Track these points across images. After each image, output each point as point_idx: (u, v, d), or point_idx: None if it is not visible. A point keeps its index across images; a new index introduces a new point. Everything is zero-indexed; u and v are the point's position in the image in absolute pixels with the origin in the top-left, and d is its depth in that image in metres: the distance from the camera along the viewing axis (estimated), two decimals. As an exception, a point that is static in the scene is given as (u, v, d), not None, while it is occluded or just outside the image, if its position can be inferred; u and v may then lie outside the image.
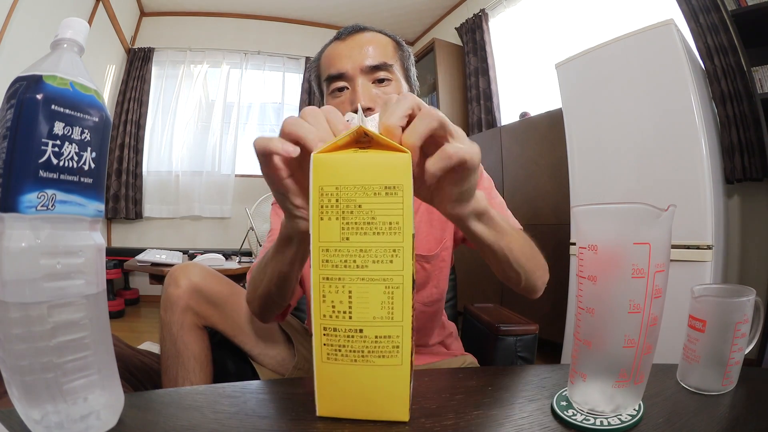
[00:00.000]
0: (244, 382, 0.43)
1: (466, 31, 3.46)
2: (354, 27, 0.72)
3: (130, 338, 1.90)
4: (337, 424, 0.34)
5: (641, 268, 0.32)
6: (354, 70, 0.67)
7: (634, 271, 0.32)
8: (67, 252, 0.29)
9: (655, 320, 0.33)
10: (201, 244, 3.68)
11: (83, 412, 0.29)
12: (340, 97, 0.68)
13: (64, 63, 0.29)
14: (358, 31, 0.71)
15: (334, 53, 0.70)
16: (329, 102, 0.70)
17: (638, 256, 0.32)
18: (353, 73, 0.67)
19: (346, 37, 0.71)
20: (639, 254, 0.32)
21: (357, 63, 0.67)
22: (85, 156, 0.29)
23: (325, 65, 0.71)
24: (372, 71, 0.68)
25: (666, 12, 1.93)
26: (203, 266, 0.73)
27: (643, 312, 0.32)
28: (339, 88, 0.68)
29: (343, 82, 0.68)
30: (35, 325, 0.27)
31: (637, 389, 0.35)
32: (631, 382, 0.34)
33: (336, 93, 0.69)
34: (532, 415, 0.36)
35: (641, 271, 0.32)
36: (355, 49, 0.68)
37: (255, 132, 4.11)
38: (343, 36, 0.71)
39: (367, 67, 0.67)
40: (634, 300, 0.32)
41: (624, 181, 1.77)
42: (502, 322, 0.88)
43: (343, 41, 0.70)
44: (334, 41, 0.72)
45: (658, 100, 1.66)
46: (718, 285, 0.45)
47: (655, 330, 0.34)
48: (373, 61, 0.68)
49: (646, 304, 0.32)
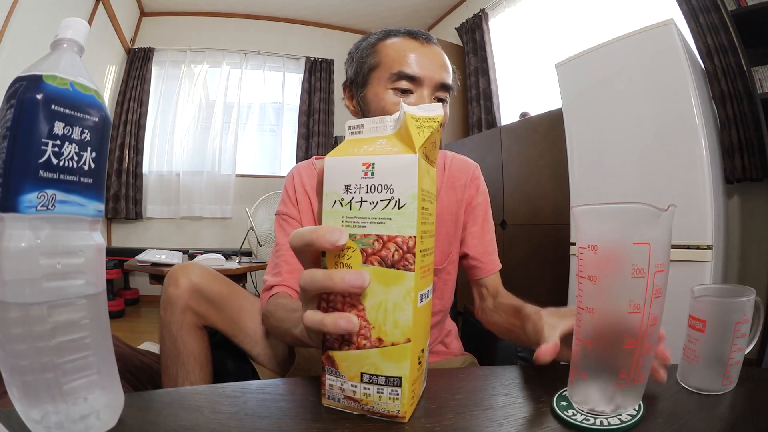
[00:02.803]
0: (244, 382, 0.43)
1: (466, 31, 3.46)
2: (428, 35, 0.71)
3: (130, 338, 1.90)
4: (337, 424, 0.34)
5: (641, 268, 0.32)
6: (430, 80, 0.67)
7: (635, 271, 0.32)
8: (67, 252, 0.29)
9: (655, 320, 0.33)
10: (201, 244, 3.68)
11: (83, 412, 0.29)
12: (405, 99, 0.67)
13: (64, 63, 0.29)
14: (432, 41, 0.71)
15: (413, 54, 0.68)
16: (383, 93, 0.69)
17: (638, 256, 0.32)
18: (427, 83, 0.67)
19: (424, 42, 0.70)
20: (639, 254, 0.32)
21: (435, 75, 0.68)
22: (85, 156, 0.29)
23: (397, 60, 0.68)
24: (440, 89, 0.69)
25: (666, 12, 1.93)
26: (203, 266, 0.72)
27: (643, 312, 0.32)
28: (405, 90, 0.68)
29: (411, 86, 0.68)
30: (35, 325, 0.27)
31: (637, 389, 0.35)
32: (631, 382, 0.34)
33: (400, 93, 0.68)
34: (532, 415, 0.36)
35: (641, 271, 0.32)
36: (435, 60, 0.69)
37: (255, 132, 4.11)
38: (419, 39, 0.70)
39: (440, 84, 0.68)
40: (634, 300, 0.32)
41: (624, 181, 1.77)
42: (502, 322, 0.87)
43: (422, 45, 0.69)
44: (408, 38, 0.70)
45: (658, 100, 1.66)
46: (718, 285, 0.45)
47: (655, 330, 0.34)
48: (447, 80, 0.69)
49: (646, 304, 0.32)
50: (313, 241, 0.31)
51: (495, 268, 0.79)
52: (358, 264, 0.31)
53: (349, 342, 0.33)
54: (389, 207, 0.31)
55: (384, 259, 0.31)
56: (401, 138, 0.32)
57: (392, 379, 0.32)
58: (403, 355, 0.32)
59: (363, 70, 0.72)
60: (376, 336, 0.32)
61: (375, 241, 0.31)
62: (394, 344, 0.32)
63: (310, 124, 4.09)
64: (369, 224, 0.31)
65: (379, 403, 0.33)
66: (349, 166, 0.32)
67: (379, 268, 0.31)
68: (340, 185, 0.32)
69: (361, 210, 0.31)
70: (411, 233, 0.30)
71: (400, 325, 0.32)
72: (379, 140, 0.33)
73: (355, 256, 0.32)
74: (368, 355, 0.32)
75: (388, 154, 0.31)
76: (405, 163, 0.31)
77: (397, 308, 0.31)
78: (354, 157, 0.32)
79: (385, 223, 0.31)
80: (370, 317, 0.32)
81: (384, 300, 0.31)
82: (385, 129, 0.34)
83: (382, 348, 0.32)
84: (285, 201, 0.81)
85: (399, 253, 0.31)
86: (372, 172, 0.31)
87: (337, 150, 0.34)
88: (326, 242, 0.30)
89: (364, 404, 0.33)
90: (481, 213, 0.81)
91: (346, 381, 0.33)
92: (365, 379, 0.33)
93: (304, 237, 0.32)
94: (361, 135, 0.35)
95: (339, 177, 0.32)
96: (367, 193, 0.31)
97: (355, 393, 0.33)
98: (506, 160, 2.62)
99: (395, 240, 0.31)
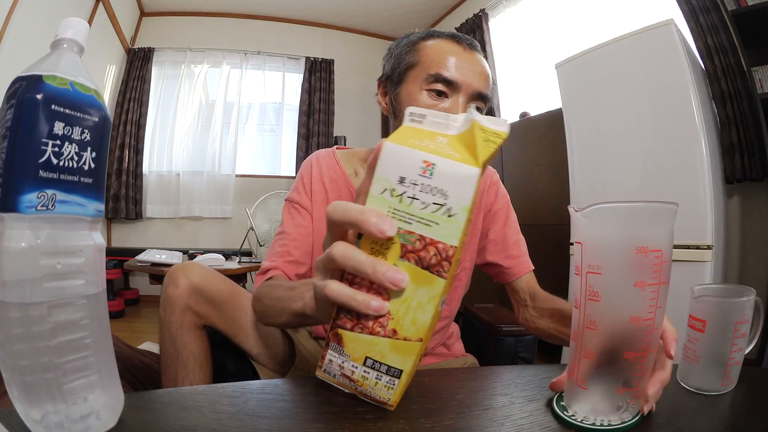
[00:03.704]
0: (244, 382, 0.43)
1: (466, 31, 3.46)
2: (472, 41, 0.70)
3: (130, 338, 1.90)
4: (337, 425, 0.34)
5: (645, 281, 0.32)
6: (468, 87, 0.66)
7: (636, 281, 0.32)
8: (67, 252, 0.29)
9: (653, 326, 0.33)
10: (201, 244, 3.68)
11: (83, 412, 0.29)
12: (438, 103, 0.66)
13: (64, 63, 0.29)
14: (475, 48, 0.70)
15: (453, 57, 0.67)
16: (417, 94, 0.67)
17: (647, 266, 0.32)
18: (464, 90, 0.66)
19: (467, 48, 0.68)
20: (647, 263, 0.32)
21: (474, 83, 0.66)
22: (85, 156, 0.29)
23: (437, 61, 0.67)
24: (477, 98, 0.68)
25: (666, 12, 1.93)
26: (203, 266, 0.72)
27: (643, 319, 0.32)
28: (440, 92, 0.66)
29: (447, 90, 0.66)
30: (35, 325, 0.27)
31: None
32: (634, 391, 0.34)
33: (434, 95, 0.66)
34: (532, 415, 0.36)
35: (642, 283, 0.32)
36: (476, 67, 0.67)
37: (255, 132, 4.11)
38: (463, 44, 0.68)
39: (477, 92, 0.67)
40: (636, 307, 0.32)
41: (624, 180, 1.77)
42: (502, 322, 0.88)
43: (465, 50, 0.68)
44: (451, 41, 0.68)
45: (658, 100, 1.66)
46: (718, 285, 0.45)
47: (658, 333, 0.34)
48: (485, 90, 0.68)
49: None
50: (358, 223, 0.30)
51: (523, 270, 0.78)
52: (395, 257, 0.31)
53: (363, 326, 0.33)
54: (439, 212, 0.30)
55: (422, 260, 0.31)
56: (465, 145, 0.31)
57: (394, 370, 0.33)
58: (411, 351, 0.32)
59: (400, 67, 0.71)
60: (392, 327, 0.32)
61: (417, 240, 0.31)
62: (407, 339, 0.32)
63: (310, 124, 4.09)
64: (415, 223, 0.31)
65: (374, 388, 0.34)
66: (408, 158, 0.31)
67: (415, 266, 0.31)
68: (395, 175, 0.31)
69: (411, 207, 0.31)
70: (454, 243, 0.30)
71: (418, 324, 0.32)
72: (439, 138, 0.32)
73: (394, 248, 0.31)
74: (378, 342, 0.33)
75: (451, 159, 0.30)
76: (466, 174, 0.30)
77: (420, 308, 0.32)
78: (416, 151, 0.31)
79: (431, 226, 0.30)
80: (392, 308, 0.32)
81: (410, 297, 0.32)
82: (447, 127, 0.33)
83: (394, 339, 0.32)
84: (298, 189, 0.79)
85: (437, 258, 0.31)
86: (431, 172, 0.30)
87: (397, 136, 0.32)
88: (375, 229, 0.30)
89: (359, 385, 0.34)
90: (502, 217, 0.80)
91: (348, 360, 0.34)
92: (368, 363, 0.33)
93: (348, 214, 0.31)
94: (421, 125, 0.33)
95: (395, 166, 0.31)
96: (421, 192, 0.30)
97: (353, 373, 0.34)
98: (506, 160, 2.62)
99: (437, 245, 0.31)
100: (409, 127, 0.33)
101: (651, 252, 0.31)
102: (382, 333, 0.32)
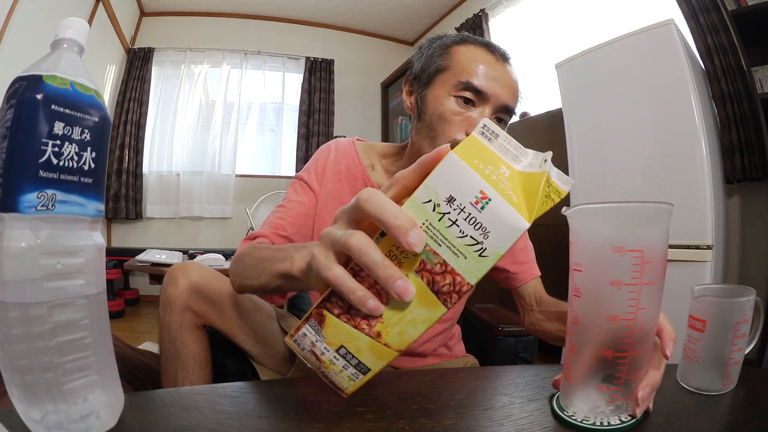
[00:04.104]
0: (244, 382, 0.43)
1: (466, 30, 3.46)
2: (505, 53, 0.70)
3: (130, 338, 1.90)
4: (337, 425, 0.34)
5: (622, 281, 0.32)
6: (496, 99, 0.65)
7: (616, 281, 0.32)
8: (67, 252, 0.29)
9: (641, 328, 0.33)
10: (201, 244, 3.68)
11: (83, 412, 0.29)
12: (465, 111, 0.65)
13: (64, 63, 0.29)
14: (508, 59, 0.69)
15: (485, 67, 0.66)
16: (444, 98, 0.67)
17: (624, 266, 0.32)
18: (492, 101, 0.66)
19: (499, 59, 0.68)
20: (625, 263, 0.32)
21: (502, 95, 0.66)
22: (85, 156, 0.29)
23: (468, 69, 0.66)
24: (503, 111, 0.67)
25: (666, 12, 1.92)
26: (202, 265, 0.72)
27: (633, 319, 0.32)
28: (467, 100, 0.66)
29: (476, 99, 0.66)
30: (35, 325, 0.27)
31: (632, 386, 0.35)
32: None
33: (462, 103, 0.66)
34: (532, 415, 0.36)
35: (618, 282, 0.32)
36: (506, 80, 0.67)
37: (255, 132, 4.11)
38: (496, 54, 0.68)
39: (504, 105, 0.66)
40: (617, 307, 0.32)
41: (624, 181, 1.77)
42: (502, 322, 0.88)
43: (497, 61, 0.67)
44: (485, 50, 0.68)
45: (658, 100, 1.66)
46: (718, 285, 0.45)
47: (643, 335, 0.33)
48: (512, 104, 0.68)
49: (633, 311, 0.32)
50: (390, 228, 0.28)
51: (530, 276, 0.78)
52: (410, 269, 0.30)
53: (351, 318, 0.32)
54: (473, 248, 0.29)
55: (435, 283, 0.30)
56: (525, 189, 0.30)
57: (363, 366, 0.33)
58: (387, 357, 0.32)
59: (430, 69, 0.70)
60: (378, 329, 0.32)
61: (439, 264, 0.30)
62: (387, 346, 0.32)
63: (310, 124, 4.09)
64: (445, 247, 0.29)
65: (337, 375, 0.33)
66: (467, 181, 0.29)
67: (425, 286, 0.30)
68: (446, 191, 0.29)
69: (447, 230, 0.29)
70: (472, 282, 0.30)
71: (404, 336, 0.32)
72: (503, 168, 0.30)
73: (412, 261, 0.30)
74: (359, 338, 0.32)
75: (508, 201, 0.29)
76: (515, 225, 0.29)
77: (412, 324, 0.31)
78: (477, 177, 0.29)
79: (458, 257, 0.29)
80: (386, 314, 0.31)
81: (408, 311, 0.31)
82: (515, 159, 0.31)
83: (375, 341, 0.32)
84: (310, 170, 0.78)
85: (449, 288, 0.30)
86: (483, 206, 0.29)
87: (463, 150, 0.30)
88: (404, 241, 0.28)
89: (324, 367, 0.34)
90: None
91: (322, 342, 0.33)
92: (341, 351, 0.33)
93: (383, 213, 0.29)
94: (489, 144, 0.31)
95: (450, 183, 0.29)
96: (465, 221, 0.29)
97: (323, 354, 0.33)
98: (506, 160, 2.61)
99: (456, 276, 0.30)
100: (477, 142, 0.31)
101: (628, 252, 0.31)
102: (366, 331, 0.32)
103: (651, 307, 0.32)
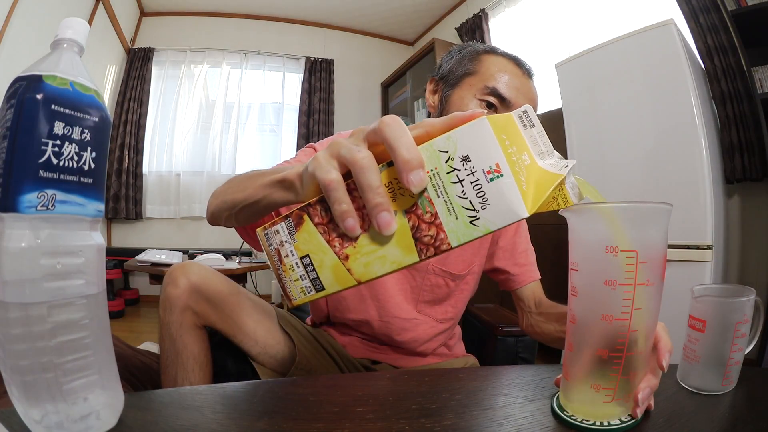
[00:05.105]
0: (244, 382, 0.43)
1: (466, 31, 3.46)
2: (530, 68, 0.73)
3: (130, 338, 1.90)
4: (337, 425, 0.34)
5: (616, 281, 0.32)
6: (516, 108, 0.67)
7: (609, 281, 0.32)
8: (67, 252, 0.29)
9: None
10: (201, 244, 3.68)
11: (83, 412, 0.29)
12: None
13: (64, 63, 0.29)
14: (532, 75, 0.73)
15: (511, 77, 0.70)
16: (468, 100, 0.70)
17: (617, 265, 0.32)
18: (512, 110, 0.67)
19: (525, 73, 0.72)
20: (618, 263, 0.32)
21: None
22: (85, 156, 0.29)
23: (496, 76, 0.70)
24: None
25: (666, 12, 1.93)
26: (202, 265, 0.72)
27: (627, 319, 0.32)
28: (490, 105, 0.69)
29: (498, 104, 0.69)
30: (35, 325, 0.27)
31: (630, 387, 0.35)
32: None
33: (485, 106, 0.69)
34: (532, 415, 0.36)
35: (612, 282, 0.32)
36: (528, 93, 0.71)
37: (255, 132, 4.11)
38: (522, 68, 0.72)
39: None
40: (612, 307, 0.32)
41: (624, 181, 1.77)
42: (502, 322, 0.88)
43: (523, 74, 0.71)
44: (513, 63, 0.72)
45: (658, 100, 1.66)
46: (718, 285, 0.45)
47: (639, 336, 0.33)
48: None
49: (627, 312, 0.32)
50: (399, 159, 0.28)
51: (530, 279, 0.79)
52: (401, 207, 0.30)
53: (327, 230, 0.32)
54: (467, 213, 0.29)
55: (418, 229, 0.30)
56: (537, 183, 0.30)
57: (318, 283, 0.32)
58: (344, 282, 0.32)
59: (459, 71, 0.73)
60: (347, 252, 0.31)
61: (430, 213, 0.30)
62: (350, 271, 0.31)
63: (310, 124, 4.09)
64: (442, 200, 0.29)
65: (292, 282, 0.33)
66: (488, 149, 0.29)
67: (408, 228, 0.30)
68: (465, 150, 0.29)
69: (451, 186, 0.29)
70: (453, 243, 0.30)
71: (368, 269, 0.31)
72: (525, 155, 0.30)
73: (407, 200, 0.30)
74: (327, 252, 0.32)
75: (517, 184, 0.29)
76: (515, 209, 0.29)
77: (380, 260, 0.31)
78: (499, 150, 0.29)
79: (451, 215, 0.29)
80: (361, 240, 0.31)
81: (381, 246, 0.31)
82: (541, 153, 0.31)
83: (340, 262, 0.31)
84: (324, 145, 0.78)
85: (430, 240, 0.30)
86: (492, 179, 0.29)
87: (497, 122, 0.30)
88: (406, 176, 0.28)
89: (282, 270, 0.33)
90: (514, 226, 0.82)
91: (290, 244, 0.32)
92: (305, 261, 0.32)
93: (399, 141, 0.28)
94: (523, 130, 0.31)
95: (473, 144, 0.29)
96: (470, 184, 0.29)
97: (287, 257, 0.33)
98: (506, 160, 2.61)
99: (440, 232, 0.30)
100: (512, 122, 0.31)
101: (622, 252, 0.31)
102: (336, 249, 0.31)
103: (647, 308, 0.32)
